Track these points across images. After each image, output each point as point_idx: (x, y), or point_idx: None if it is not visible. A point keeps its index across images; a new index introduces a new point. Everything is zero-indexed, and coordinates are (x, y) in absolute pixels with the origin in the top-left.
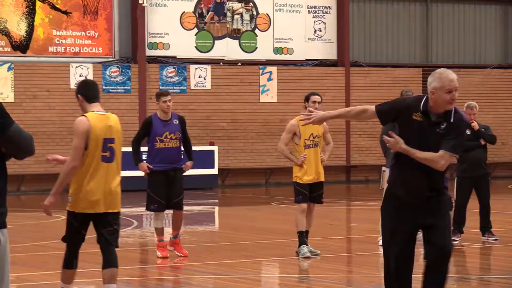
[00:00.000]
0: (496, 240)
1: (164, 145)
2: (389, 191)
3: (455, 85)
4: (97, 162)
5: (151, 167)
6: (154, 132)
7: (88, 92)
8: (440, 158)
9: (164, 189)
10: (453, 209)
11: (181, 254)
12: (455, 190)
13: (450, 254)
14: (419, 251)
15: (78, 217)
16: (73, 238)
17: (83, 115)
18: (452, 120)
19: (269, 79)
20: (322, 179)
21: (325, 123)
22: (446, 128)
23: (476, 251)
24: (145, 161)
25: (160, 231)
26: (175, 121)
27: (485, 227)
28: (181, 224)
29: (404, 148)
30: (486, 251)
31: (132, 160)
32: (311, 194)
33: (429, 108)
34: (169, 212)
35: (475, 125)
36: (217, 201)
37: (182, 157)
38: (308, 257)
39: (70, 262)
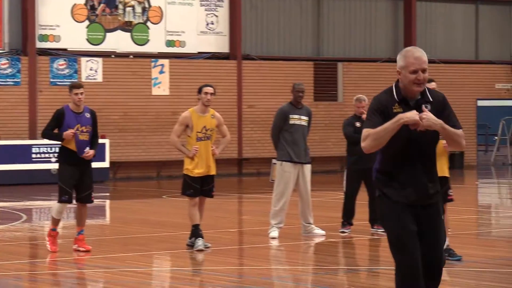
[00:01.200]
0: (384, 231)
1: (76, 137)
2: (386, 197)
3: (422, 65)
4: None
5: (74, 130)
6: (66, 124)
7: None
8: (463, 137)
9: (74, 181)
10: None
11: (84, 249)
12: (344, 181)
13: (441, 265)
14: None
15: None
16: None
17: None
18: (431, 99)
19: (161, 72)
20: (213, 172)
21: (218, 114)
22: (433, 110)
23: (365, 242)
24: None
25: (57, 222)
26: (87, 115)
27: (374, 218)
28: (85, 220)
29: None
30: (375, 242)
31: (10, 155)
32: (202, 187)
33: (403, 95)
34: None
35: (365, 117)
36: (108, 194)
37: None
38: (201, 250)
39: None
